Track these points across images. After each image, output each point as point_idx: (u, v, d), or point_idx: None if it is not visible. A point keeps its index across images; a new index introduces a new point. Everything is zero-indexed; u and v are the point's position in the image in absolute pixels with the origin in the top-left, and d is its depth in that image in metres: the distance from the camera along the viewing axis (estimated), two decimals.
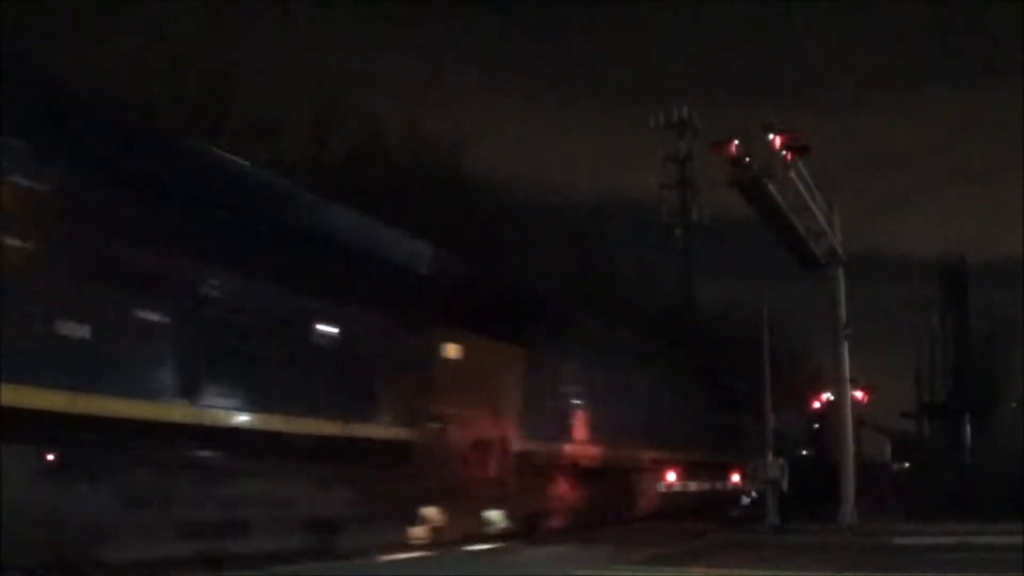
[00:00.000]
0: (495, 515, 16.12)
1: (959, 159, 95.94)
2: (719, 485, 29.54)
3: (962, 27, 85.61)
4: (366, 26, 59.39)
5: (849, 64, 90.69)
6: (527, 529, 16.83)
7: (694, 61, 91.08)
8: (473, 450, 15.05)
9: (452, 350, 14.71)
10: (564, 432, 19.51)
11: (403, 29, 58.67)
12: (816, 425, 35.44)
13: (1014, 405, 32.22)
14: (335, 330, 12.13)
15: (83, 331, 8.81)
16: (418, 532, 14.08)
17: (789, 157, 17.84)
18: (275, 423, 10.96)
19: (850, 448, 20.54)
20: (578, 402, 20.33)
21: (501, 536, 15.89)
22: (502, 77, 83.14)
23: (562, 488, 19.14)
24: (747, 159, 17.63)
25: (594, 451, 20.69)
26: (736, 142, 17.71)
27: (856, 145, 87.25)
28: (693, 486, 27.72)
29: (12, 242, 8.37)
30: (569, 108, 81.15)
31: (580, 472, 19.83)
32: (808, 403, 33.24)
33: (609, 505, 21.69)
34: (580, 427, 20.23)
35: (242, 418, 10.59)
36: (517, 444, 16.46)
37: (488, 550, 13.71)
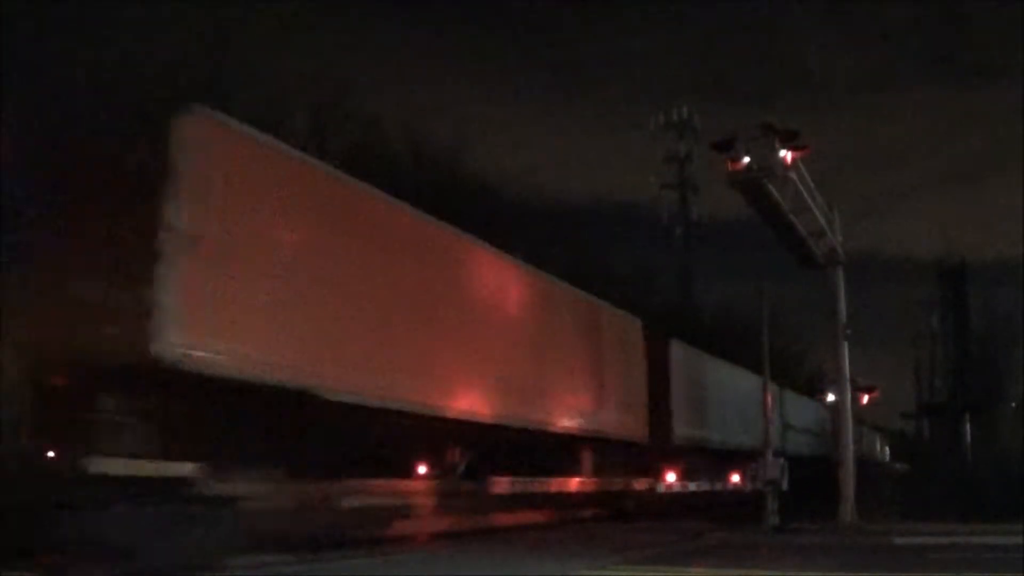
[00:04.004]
0: None
1: (959, 159, 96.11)
2: None
3: (958, 28, 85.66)
4: (365, 27, 59.43)
5: (848, 65, 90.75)
6: None
7: (694, 62, 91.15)
8: None
9: None
10: None
11: (402, 29, 58.76)
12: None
13: (1014, 405, 32.19)
14: None
15: None
16: None
17: (789, 158, 17.85)
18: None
19: (850, 447, 20.53)
20: None
21: None
22: (501, 77, 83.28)
23: None
24: (747, 159, 17.64)
25: None
26: (736, 142, 17.73)
27: (856, 145, 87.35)
28: None
29: None
30: (568, 108, 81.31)
31: None
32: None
33: None
34: None
35: None
36: None
37: (488, 549, 13.72)
